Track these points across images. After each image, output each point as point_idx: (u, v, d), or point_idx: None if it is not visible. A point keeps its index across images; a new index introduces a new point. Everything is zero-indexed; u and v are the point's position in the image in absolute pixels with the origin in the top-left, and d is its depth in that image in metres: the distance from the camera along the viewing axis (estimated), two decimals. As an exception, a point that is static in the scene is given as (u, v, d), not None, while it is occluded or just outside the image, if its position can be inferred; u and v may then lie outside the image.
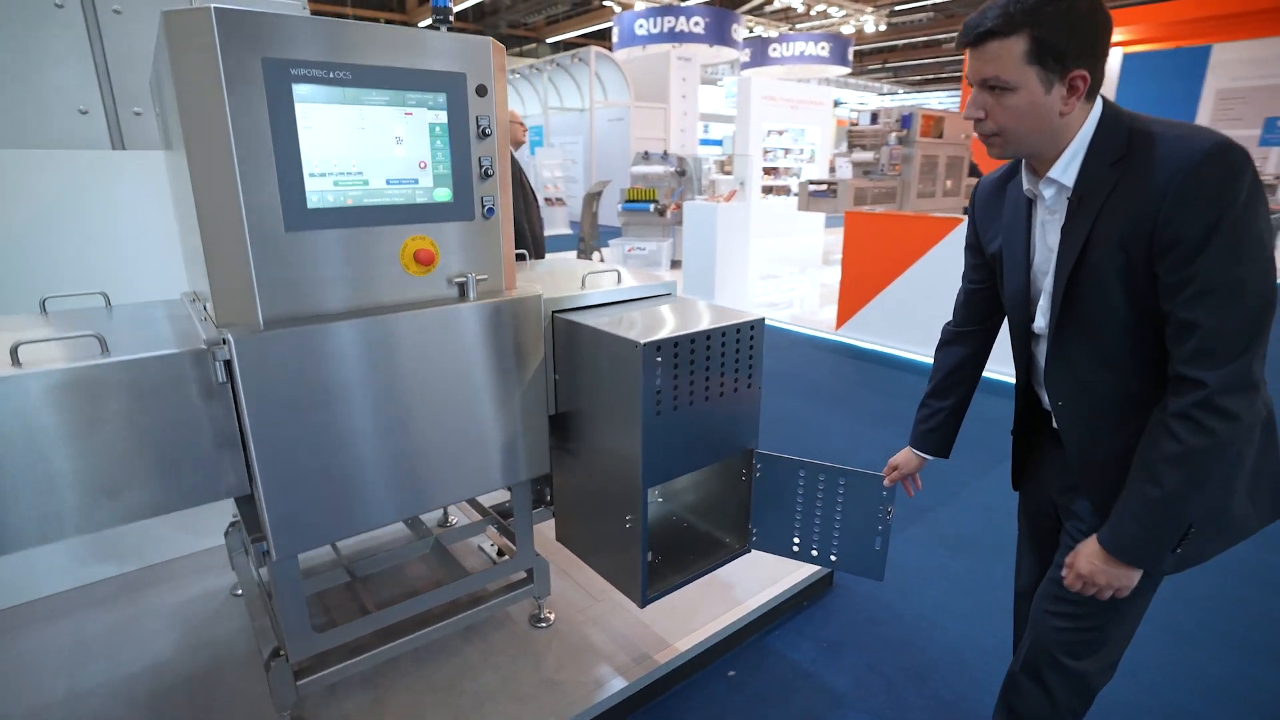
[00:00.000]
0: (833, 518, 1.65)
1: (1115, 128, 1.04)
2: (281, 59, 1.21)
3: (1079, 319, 1.11)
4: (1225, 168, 0.94)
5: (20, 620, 2.02)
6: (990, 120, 1.07)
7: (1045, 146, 1.08)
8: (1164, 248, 0.98)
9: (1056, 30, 0.98)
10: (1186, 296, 0.98)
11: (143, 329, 1.42)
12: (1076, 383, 1.15)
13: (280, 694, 1.54)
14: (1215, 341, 0.97)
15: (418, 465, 1.49)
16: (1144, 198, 0.99)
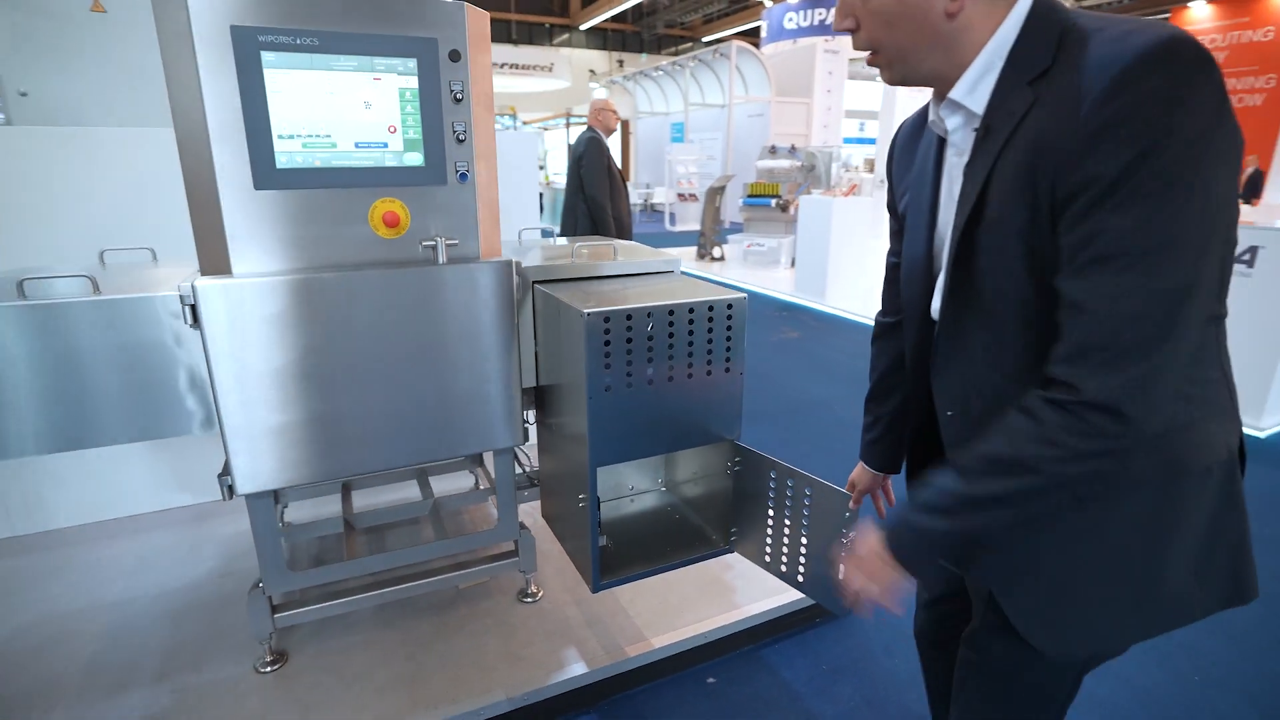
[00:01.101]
0: (799, 532, 1.49)
1: (1044, 31, 0.75)
2: (249, 26, 1.29)
3: (975, 301, 0.83)
4: (1166, 77, 0.64)
5: (104, 533, 2.35)
6: (863, 32, 0.81)
7: (942, 63, 0.80)
8: (1067, 196, 0.69)
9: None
10: (1078, 264, 0.69)
11: (151, 277, 1.58)
12: (970, 389, 0.88)
13: (257, 623, 1.66)
14: (1098, 334, 0.68)
15: (375, 422, 1.53)
16: (1056, 125, 0.70)
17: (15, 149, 2.12)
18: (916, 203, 0.95)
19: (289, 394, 1.44)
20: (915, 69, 0.82)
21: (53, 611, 1.96)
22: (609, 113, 4.16)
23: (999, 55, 0.78)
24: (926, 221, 0.92)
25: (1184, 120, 0.64)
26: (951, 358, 0.89)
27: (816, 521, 1.44)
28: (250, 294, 1.36)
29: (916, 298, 0.96)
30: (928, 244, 0.93)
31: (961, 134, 0.86)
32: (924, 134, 0.97)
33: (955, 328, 0.87)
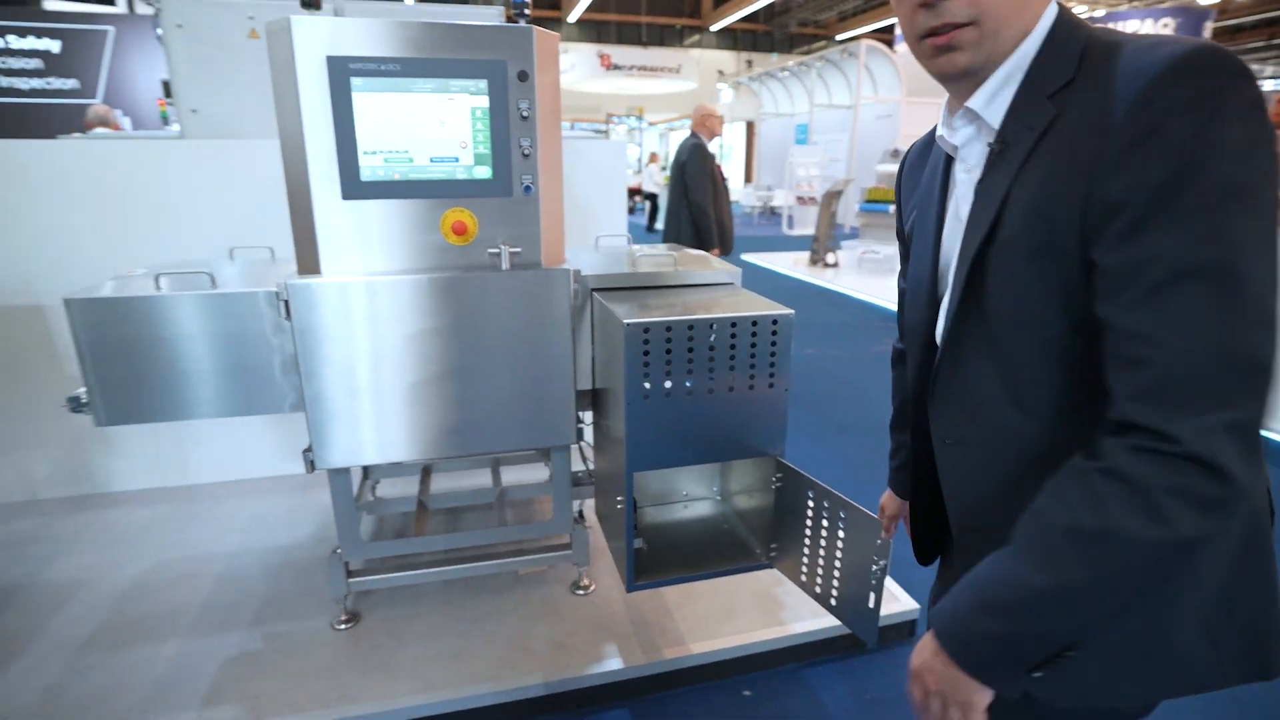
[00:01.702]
0: (834, 555, 1.46)
1: (1067, 42, 0.71)
2: (342, 56, 1.45)
3: (982, 326, 0.78)
4: (1203, 84, 0.60)
5: (230, 491, 2.69)
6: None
7: (1011, 46, 0.74)
8: (1104, 213, 0.64)
9: None
10: (1137, 294, 0.62)
11: (265, 274, 1.80)
12: (971, 417, 0.82)
13: (334, 584, 1.86)
14: (1188, 368, 0.59)
15: (438, 413, 1.67)
16: (1085, 138, 0.66)
17: (186, 159, 2.48)
18: (922, 223, 0.91)
19: (365, 383, 1.60)
20: (999, 50, 0.74)
21: (183, 554, 2.29)
22: (713, 118, 4.18)
23: (1019, 68, 0.74)
24: (931, 243, 0.89)
25: (1226, 128, 0.59)
26: (952, 384, 0.85)
27: (850, 545, 1.42)
28: (334, 293, 1.53)
29: (920, 323, 0.92)
30: (932, 266, 0.89)
31: (972, 149, 0.82)
32: (931, 153, 0.93)
33: (958, 353, 0.83)
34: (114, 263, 2.48)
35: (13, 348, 2.48)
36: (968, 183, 0.82)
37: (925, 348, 0.91)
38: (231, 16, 2.73)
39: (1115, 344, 0.65)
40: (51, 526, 2.46)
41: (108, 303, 1.49)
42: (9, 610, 2.00)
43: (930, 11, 0.73)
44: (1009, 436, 0.79)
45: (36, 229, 2.40)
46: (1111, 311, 0.65)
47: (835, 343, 5.43)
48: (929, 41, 0.76)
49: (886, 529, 1.29)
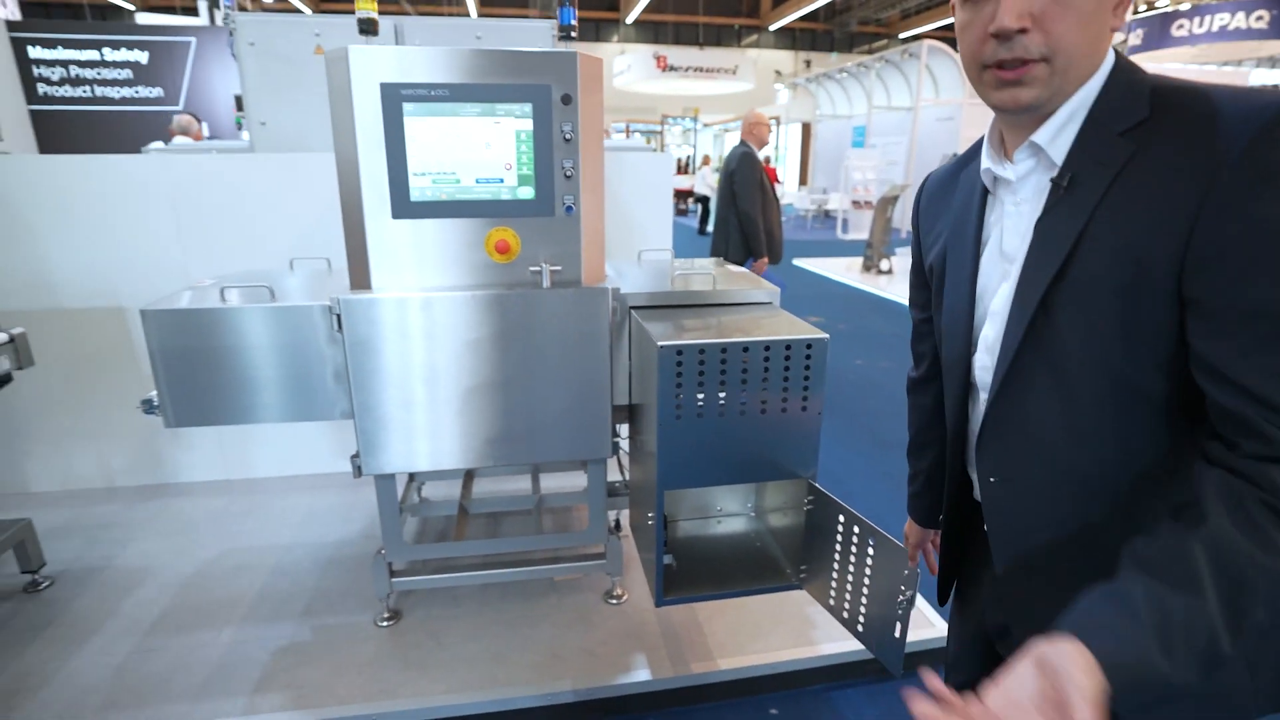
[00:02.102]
0: (862, 581, 1.45)
1: (1132, 84, 0.73)
2: (395, 83, 1.52)
3: (1046, 363, 0.78)
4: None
5: (288, 486, 2.83)
6: (1038, 33, 0.70)
7: (1079, 81, 0.74)
8: (1214, 254, 0.65)
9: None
10: (1245, 346, 0.63)
11: (321, 287, 1.90)
12: (1025, 455, 0.82)
13: (377, 583, 1.95)
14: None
15: (478, 424, 1.72)
16: (1178, 181, 0.66)
17: (254, 172, 2.63)
18: (956, 256, 0.90)
19: (410, 394, 1.67)
20: (1065, 89, 0.74)
21: (242, 545, 2.42)
22: (762, 126, 4.16)
23: (1083, 105, 0.75)
24: (969, 278, 0.88)
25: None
26: (1006, 422, 0.83)
27: (878, 574, 1.41)
28: (383, 308, 1.61)
29: (959, 357, 0.91)
30: (969, 301, 0.88)
31: (1027, 183, 0.81)
32: (958, 185, 0.93)
33: (1015, 391, 0.82)
34: (189, 268, 2.65)
35: (97, 346, 2.67)
36: (1017, 216, 0.82)
37: (964, 375, 0.90)
38: (299, 34, 2.87)
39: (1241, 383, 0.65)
40: (126, 513, 2.64)
41: (178, 314, 1.60)
42: (88, 591, 2.16)
43: (1003, 44, 0.72)
44: (1067, 474, 0.79)
45: (121, 236, 2.58)
46: (1219, 356, 0.66)
47: (885, 353, 5.32)
48: (996, 72, 0.75)
49: (911, 558, 1.29)
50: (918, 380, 1.17)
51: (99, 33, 7.47)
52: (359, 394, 1.65)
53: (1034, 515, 0.83)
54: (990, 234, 0.86)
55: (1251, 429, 0.64)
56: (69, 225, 2.56)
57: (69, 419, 2.74)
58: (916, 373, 1.17)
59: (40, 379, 2.58)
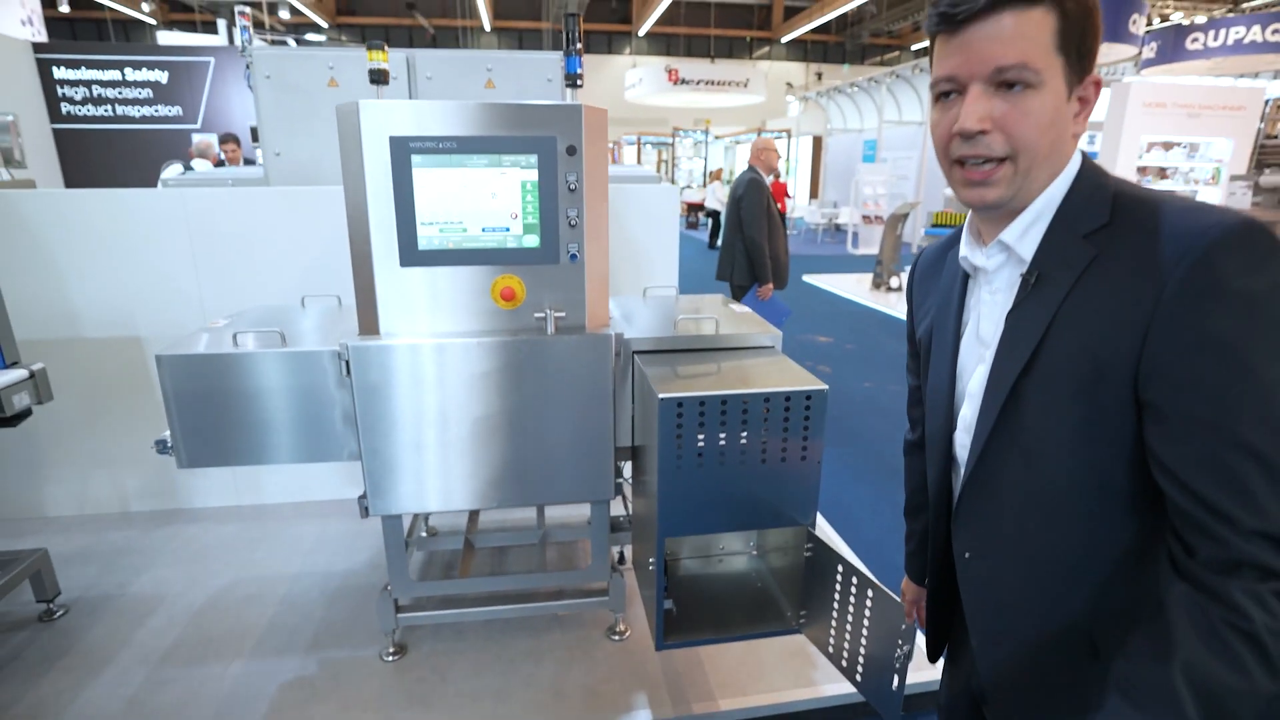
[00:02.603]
0: (860, 632, 1.45)
1: (1096, 187, 0.77)
2: (404, 136, 1.56)
3: (1017, 448, 0.81)
4: (1261, 258, 0.65)
5: (298, 513, 2.87)
6: (999, 134, 0.74)
7: (1041, 186, 0.78)
8: (1164, 363, 0.68)
9: (1088, 15, 0.72)
10: (1198, 452, 0.66)
11: (331, 328, 1.93)
12: (998, 534, 0.84)
13: (383, 618, 1.97)
14: (1263, 520, 0.64)
15: (486, 467, 1.75)
16: (1132, 289, 0.70)
17: (267, 206, 2.68)
18: (940, 335, 0.94)
19: (416, 438, 1.70)
20: (1029, 188, 0.78)
21: (253, 574, 2.46)
22: (770, 153, 4.19)
23: (1050, 206, 0.79)
24: (950, 356, 0.91)
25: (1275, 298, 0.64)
26: (979, 500, 0.87)
27: (876, 626, 1.42)
28: (390, 354, 1.64)
29: (940, 432, 0.94)
30: (949, 379, 0.91)
31: (1001, 274, 0.85)
32: (946, 264, 0.96)
33: (987, 471, 0.85)
34: (204, 299, 2.71)
35: (114, 374, 2.73)
36: (992, 304, 0.86)
37: (945, 456, 0.93)
38: (314, 67, 2.93)
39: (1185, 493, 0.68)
40: (141, 539, 2.69)
41: (193, 359, 1.64)
42: (102, 620, 2.21)
43: (967, 142, 0.76)
44: (1038, 557, 0.82)
45: (139, 268, 2.64)
46: (1175, 459, 0.68)
47: (894, 375, 5.31)
48: (963, 171, 0.79)
49: (909, 613, 1.29)
50: (913, 443, 1.19)
51: (121, 53, 7.63)
52: (367, 437, 1.69)
53: (1007, 593, 0.86)
54: (970, 317, 0.90)
55: (1207, 533, 0.66)
56: (89, 257, 2.62)
57: (86, 445, 2.79)
58: (912, 436, 1.19)
59: (59, 406, 2.63)
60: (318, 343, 1.74)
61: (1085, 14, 0.72)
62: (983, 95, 0.74)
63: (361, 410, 1.67)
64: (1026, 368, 0.78)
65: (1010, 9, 0.71)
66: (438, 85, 2.97)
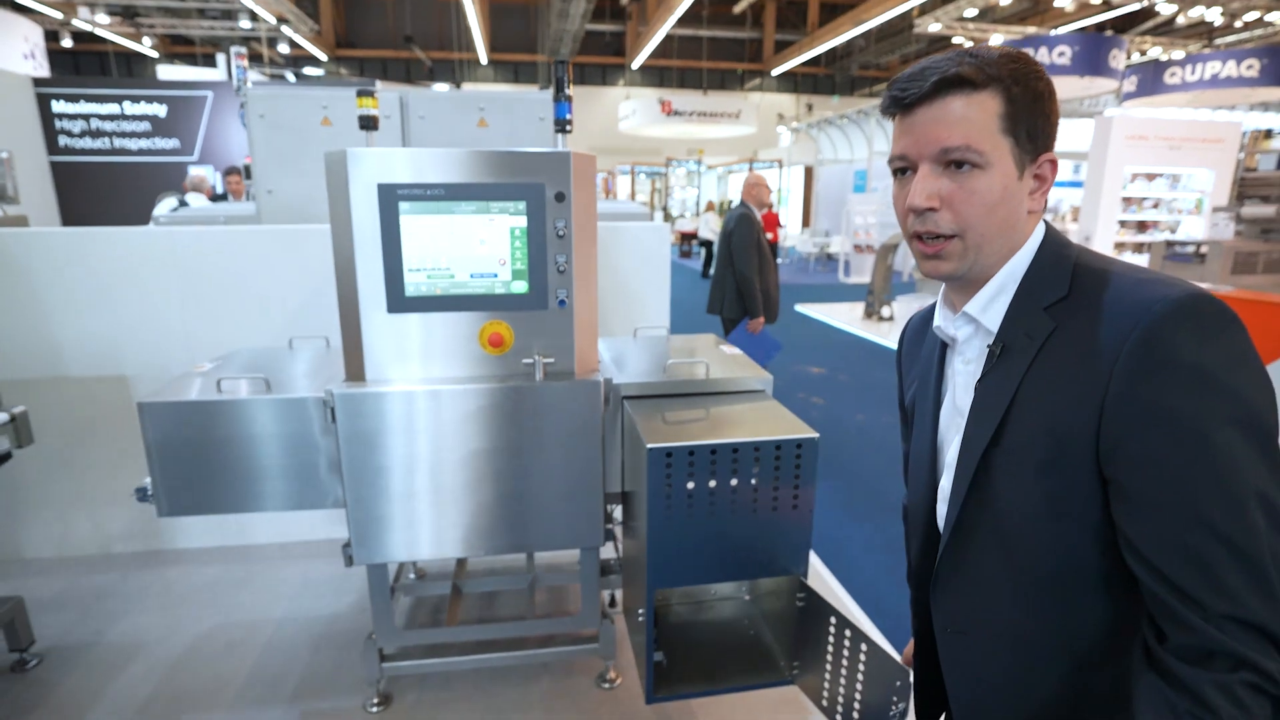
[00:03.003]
0: (855, 687, 1.42)
1: (1058, 258, 0.77)
2: (391, 183, 1.56)
3: (991, 521, 0.80)
4: (1206, 332, 0.65)
5: (285, 554, 2.82)
6: (947, 212, 0.76)
7: (999, 260, 0.79)
8: (1122, 439, 0.67)
9: (1034, 96, 0.74)
10: (1167, 530, 0.65)
11: (318, 372, 1.92)
12: (975, 610, 0.83)
13: (368, 668, 1.92)
14: (1249, 598, 0.62)
15: (473, 515, 1.72)
16: (1087, 363, 0.70)
17: (257, 245, 2.68)
18: (922, 405, 0.94)
19: (402, 486, 1.68)
20: (983, 262, 0.79)
21: (236, 619, 2.40)
22: (761, 188, 4.23)
23: (1013, 277, 0.79)
24: (930, 425, 0.91)
25: (1229, 373, 0.65)
26: (957, 575, 0.86)
27: (870, 682, 1.38)
28: (376, 401, 1.62)
29: (921, 502, 0.93)
30: (931, 449, 0.90)
31: (972, 344, 0.85)
32: (929, 332, 0.96)
33: (964, 545, 0.84)
34: (192, 338, 2.69)
35: (98, 413, 2.70)
36: (966, 373, 0.85)
37: (927, 528, 0.92)
38: (308, 106, 2.95)
39: (1152, 571, 0.67)
40: (121, 584, 2.63)
41: (175, 407, 1.62)
42: (76, 670, 2.14)
43: (918, 218, 0.78)
44: (1015, 633, 0.80)
45: (126, 306, 2.63)
46: (1138, 536, 0.67)
47: (887, 408, 5.30)
48: (918, 244, 0.81)
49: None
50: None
51: (120, 87, 7.70)
52: (352, 485, 1.66)
53: (986, 671, 0.84)
54: (948, 386, 0.90)
55: (1176, 619, 0.65)
56: (76, 296, 2.60)
57: (67, 485, 2.75)
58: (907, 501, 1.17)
59: (40, 446, 2.59)
60: (304, 389, 1.72)
61: (1033, 98, 0.74)
62: (931, 174, 0.76)
63: (346, 458, 1.64)
64: (995, 439, 0.78)
65: (956, 93, 0.73)
66: (430, 124, 3.00)
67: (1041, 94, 0.74)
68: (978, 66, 0.73)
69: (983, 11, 14.48)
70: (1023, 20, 16.91)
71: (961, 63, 0.73)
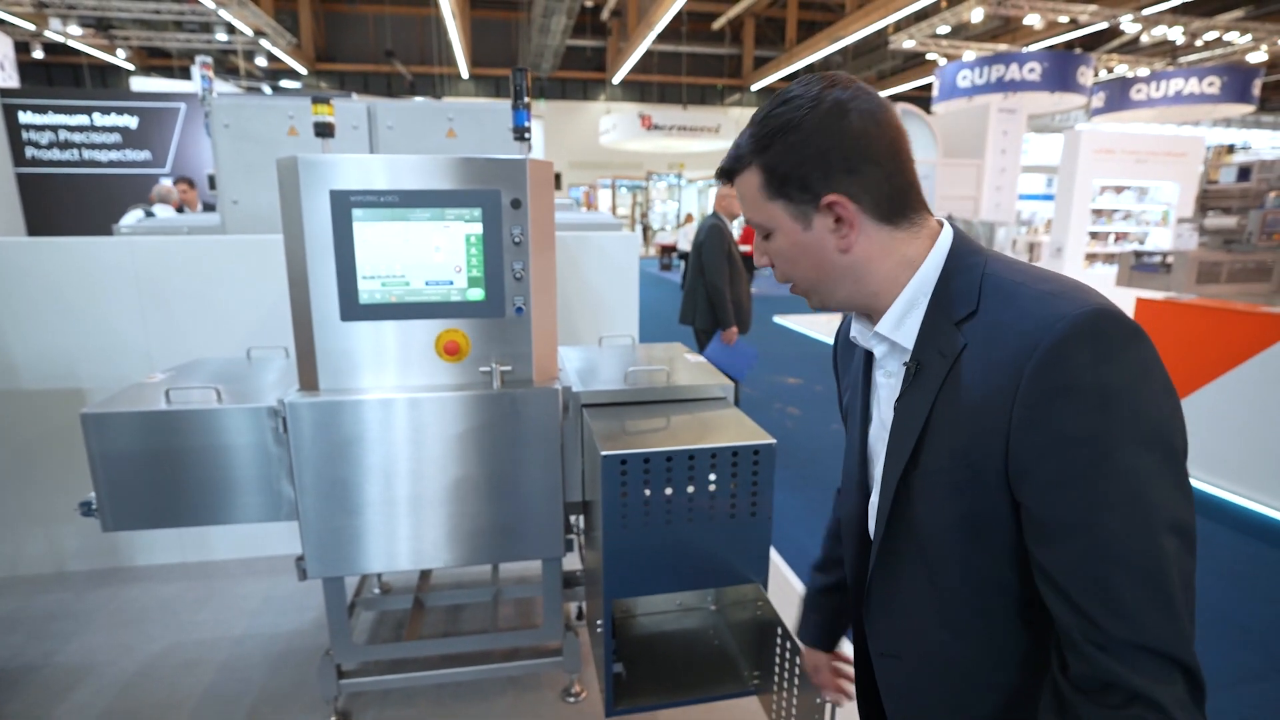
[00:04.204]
0: (791, 704, 1.40)
1: (966, 271, 0.75)
2: (344, 190, 1.55)
3: (913, 543, 0.79)
4: (1106, 350, 0.63)
5: (246, 569, 2.76)
6: (777, 269, 0.84)
7: (854, 293, 0.80)
8: (1028, 464, 0.66)
9: (788, 153, 0.75)
10: (1067, 556, 0.64)
11: (274, 383, 1.88)
12: (905, 633, 0.82)
13: (324, 685, 1.88)
14: (1152, 623, 0.61)
15: (428, 527, 1.69)
16: (992, 385, 0.68)
17: (219, 255, 2.64)
18: (852, 415, 0.92)
19: (358, 497, 1.64)
20: (830, 298, 0.83)
21: (193, 637, 2.34)
22: (733, 199, 4.25)
23: (923, 292, 0.77)
24: (859, 436, 0.90)
25: (1133, 391, 0.63)
26: (885, 597, 0.85)
27: (803, 699, 1.37)
28: (329, 411, 1.59)
29: (853, 515, 0.91)
30: (860, 459, 0.89)
31: (890, 358, 0.83)
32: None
33: (890, 566, 0.83)
34: (151, 350, 2.64)
35: (53, 426, 2.63)
36: (888, 387, 0.84)
37: (859, 540, 0.91)
38: (274, 116, 2.92)
39: (1061, 594, 0.66)
40: (75, 602, 2.55)
41: (119, 417, 1.58)
42: (21, 694, 2.07)
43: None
44: (944, 658, 0.78)
45: (83, 318, 2.57)
46: (1049, 561, 0.66)
47: (862, 416, 5.32)
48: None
49: (822, 684, 1.21)
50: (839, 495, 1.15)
51: (89, 99, 7.60)
52: (304, 497, 1.62)
53: (920, 694, 0.83)
54: (875, 397, 0.88)
55: (1076, 647, 0.65)
56: (31, 307, 2.54)
57: (21, 501, 2.67)
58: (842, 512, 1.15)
59: (-8, 463, 2.53)
60: (257, 398, 1.69)
61: (784, 155, 0.75)
62: (759, 239, 0.84)
63: (299, 469, 1.61)
64: (913, 461, 0.76)
65: (733, 176, 0.82)
66: (399, 135, 2.98)
67: (803, 141, 0.74)
68: (734, 155, 0.81)
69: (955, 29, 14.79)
70: (994, 38, 17.29)
71: (729, 152, 0.82)
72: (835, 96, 0.73)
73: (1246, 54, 13.83)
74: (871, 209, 0.76)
